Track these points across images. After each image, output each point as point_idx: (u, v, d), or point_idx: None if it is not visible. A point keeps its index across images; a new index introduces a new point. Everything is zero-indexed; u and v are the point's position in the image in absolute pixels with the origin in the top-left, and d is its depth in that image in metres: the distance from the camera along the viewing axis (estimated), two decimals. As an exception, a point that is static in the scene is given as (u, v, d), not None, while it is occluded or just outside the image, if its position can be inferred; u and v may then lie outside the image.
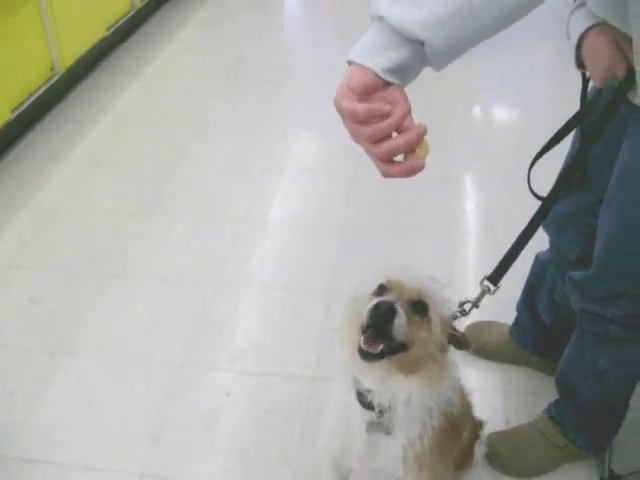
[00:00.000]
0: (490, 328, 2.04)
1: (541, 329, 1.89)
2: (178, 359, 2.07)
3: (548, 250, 1.76)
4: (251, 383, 2.01)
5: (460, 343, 1.22)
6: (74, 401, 1.95)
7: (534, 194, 1.43)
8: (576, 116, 1.42)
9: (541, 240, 1.65)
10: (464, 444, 1.45)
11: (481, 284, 1.27)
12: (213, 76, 3.94)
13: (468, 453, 1.53)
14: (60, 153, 3.15)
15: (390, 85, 0.88)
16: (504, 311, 1.99)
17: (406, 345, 1.13)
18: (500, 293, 1.27)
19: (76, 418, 1.90)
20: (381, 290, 1.18)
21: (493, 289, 1.26)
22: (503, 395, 1.95)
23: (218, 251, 2.54)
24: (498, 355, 2.02)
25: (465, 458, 1.52)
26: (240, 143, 3.24)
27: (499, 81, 3.84)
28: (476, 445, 1.56)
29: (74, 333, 2.18)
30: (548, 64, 3.85)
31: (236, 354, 2.10)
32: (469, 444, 1.51)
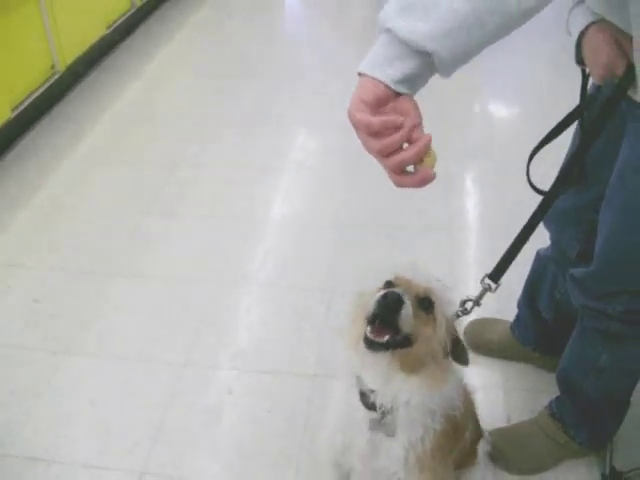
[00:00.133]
0: (491, 325, 2.04)
1: (542, 326, 1.89)
2: (179, 357, 2.08)
3: (549, 247, 1.76)
4: (252, 381, 2.01)
5: (459, 351, 1.21)
6: (76, 400, 1.96)
7: (533, 188, 1.43)
8: (576, 110, 1.42)
9: (542, 237, 1.65)
10: (466, 445, 1.45)
11: (482, 282, 1.26)
12: (213, 75, 3.94)
13: (471, 452, 1.52)
14: (61, 152, 3.15)
15: (400, 95, 0.90)
16: (505, 308, 2.00)
17: (411, 340, 1.13)
18: (501, 290, 1.26)
19: (78, 417, 1.91)
20: (388, 285, 1.18)
21: (494, 287, 1.26)
22: (504, 392, 1.95)
23: (219, 250, 2.54)
24: (499, 352, 2.02)
25: (468, 457, 1.52)
26: (240, 142, 3.25)
27: (499, 79, 3.84)
28: (480, 443, 1.56)
29: (76, 332, 2.18)
30: (548, 62, 3.84)
31: (237, 352, 2.10)
32: (472, 443, 1.50)
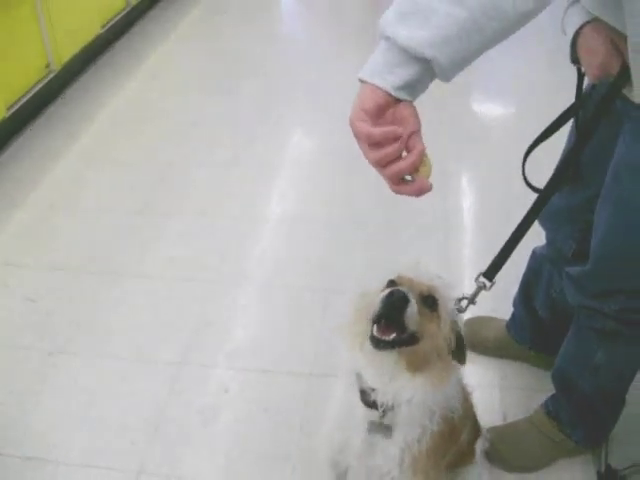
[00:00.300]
0: (487, 323, 2.05)
1: (538, 324, 1.90)
2: (176, 357, 2.08)
3: (544, 245, 1.76)
4: (249, 380, 2.01)
5: (460, 349, 1.21)
6: (73, 399, 1.95)
7: (529, 185, 1.43)
8: (571, 108, 1.42)
9: (537, 235, 1.65)
10: (462, 446, 1.45)
11: (477, 280, 1.26)
12: (209, 74, 3.93)
13: (469, 451, 1.52)
14: (56, 151, 3.14)
15: (400, 102, 0.91)
16: (500, 306, 2.00)
17: (416, 338, 1.13)
18: (496, 288, 1.26)
19: (75, 416, 1.90)
20: (392, 285, 1.18)
21: (489, 285, 1.25)
22: (500, 390, 1.95)
23: (216, 249, 2.54)
24: (495, 350, 2.02)
25: (466, 455, 1.52)
26: (237, 141, 3.24)
27: (495, 79, 3.84)
28: (477, 442, 1.56)
29: (72, 331, 2.17)
30: (544, 62, 3.85)
31: (234, 351, 2.10)
32: (470, 442, 1.51)
